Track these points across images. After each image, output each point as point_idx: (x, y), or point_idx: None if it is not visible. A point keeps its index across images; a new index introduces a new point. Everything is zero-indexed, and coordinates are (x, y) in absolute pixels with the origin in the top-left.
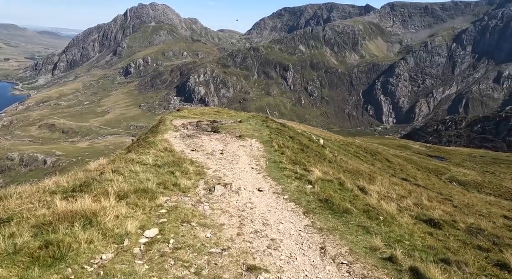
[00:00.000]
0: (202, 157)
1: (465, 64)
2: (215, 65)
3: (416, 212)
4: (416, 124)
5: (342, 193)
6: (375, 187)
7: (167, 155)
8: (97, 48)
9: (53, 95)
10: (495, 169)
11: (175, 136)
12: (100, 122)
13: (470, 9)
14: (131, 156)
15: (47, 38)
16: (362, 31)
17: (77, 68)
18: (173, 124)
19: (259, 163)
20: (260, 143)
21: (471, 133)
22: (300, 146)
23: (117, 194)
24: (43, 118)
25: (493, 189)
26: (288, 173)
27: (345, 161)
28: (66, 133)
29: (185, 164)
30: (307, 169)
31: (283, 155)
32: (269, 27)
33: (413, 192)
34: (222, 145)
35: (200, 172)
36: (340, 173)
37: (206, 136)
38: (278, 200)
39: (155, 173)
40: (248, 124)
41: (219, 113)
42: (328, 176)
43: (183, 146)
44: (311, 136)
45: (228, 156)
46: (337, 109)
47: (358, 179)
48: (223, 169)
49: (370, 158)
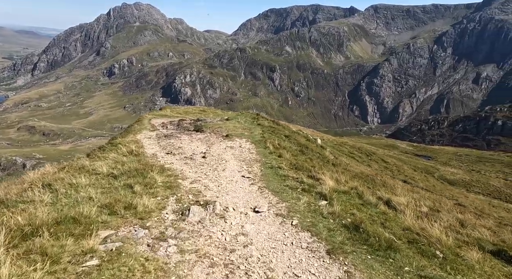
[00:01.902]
0: (178, 163)
1: (445, 65)
2: (201, 66)
3: (466, 234)
4: (400, 124)
5: (367, 210)
6: (400, 198)
7: (130, 161)
8: (80, 48)
9: (33, 97)
10: (480, 168)
11: (149, 137)
12: (83, 124)
13: (449, 12)
14: (82, 163)
15: (26, 37)
16: (347, 33)
17: (58, 68)
18: (151, 123)
19: (252, 169)
20: (252, 143)
21: (453, 132)
22: (299, 147)
23: (21, 230)
24: (22, 120)
25: (481, 188)
26: (291, 183)
27: (348, 163)
28: (47, 135)
29: (152, 174)
30: (314, 177)
31: (281, 159)
32: (256, 28)
33: (436, 201)
34: (205, 147)
35: (172, 185)
36: (352, 180)
37: (186, 136)
38: (284, 227)
39: (106, 188)
40: (237, 122)
41: (204, 112)
42: (341, 185)
43: (156, 149)
44: (308, 135)
45: (212, 161)
46: (323, 110)
47: (375, 187)
48: (204, 179)
49: (366, 159)
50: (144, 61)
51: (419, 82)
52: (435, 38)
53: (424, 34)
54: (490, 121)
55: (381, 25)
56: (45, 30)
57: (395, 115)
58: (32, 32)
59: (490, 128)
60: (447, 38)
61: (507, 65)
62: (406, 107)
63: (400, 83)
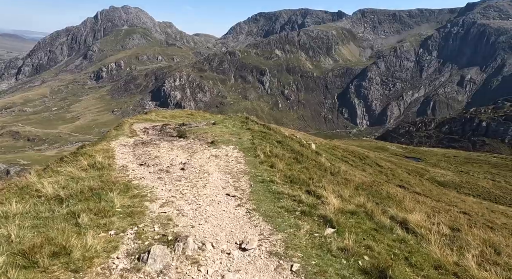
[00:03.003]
0: (150, 177)
1: (431, 68)
2: (191, 70)
3: (507, 267)
4: (389, 126)
5: (383, 238)
6: (415, 216)
7: (89, 177)
8: (66, 51)
9: (17, 101)
10: (468, 169)
11: (125, 144)
12: (69, 129)
13: (434, 17)
14: (28, 181)
15: (9, 41)
16: (335, 36)
17: (43, 72)
18: (132, 128)
19: (239, 184)
20: (240, 151)
21: (440, 133)
22: (293, 154)
23: None
24: (5, 126)
25: (471, 189)
26: (287, 203)
27: (346, 171)
28: (32, 141)
29: (111, 195)
30: (314, 193)
31: (274, 170)
32: (245, 31)
33: (455, 218)
34: (186, 156)
35: (135, 211)
36: (356, 193)
37: (167, 143)
38: (281, 276)
39: (42, 219)
40: (224, 126)
41: (192, 116)
42: (346, 202)
43: (129, 159)
44: (301, 140)
45: (191, 174)
46: (313, 112)
47: (382, 201)
48: (179, 200)
49: (360, 163)
50: (132, 65)
51: (406, 85)
52: (421, 41)
53: (410, 37)
54: (475, 123)
55: (369, 29)
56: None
57: (383, 117)
58: (16, 35)
59: (475, 130)
60: (432, 42)
61: (490, 68)
62: (394, 109)
63: (388, 86)
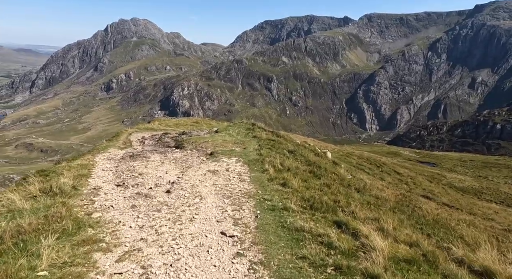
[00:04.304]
0: (122, 205)
1: (441, 71)
2: (199, 78)
3: None
4: (399, 130)
5: None
6: (485, 255)
7: (33, 210)
8: (77, 64)
9: (31, 114)
10: (487, 174)
11: (112, 157)
12: (81, 139)
13: (442, 19)
14: None
15: (24, 55)
16: (342, 42)
17: (56, 85)
18: (129, 138)
19: (240, 215)
20: (244, 164)
21: (453, 137)
22: (308, 167)
23: None
24: (20, 138)
25: (492, 195)
26: (312, 250)
27: (373, 184)
28: (45, 152)
29: (44, 242)
30: (347, 226)
31: (287, 189)
32: (252, 39)
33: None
34: (177, 172)
35: (71, 272)
36: (398, 220)
37: (159, 156)
38: None
39: None
40: (227, 134)
41: (197, 123)
42: (393, 240)
43: (108, 177)
44: (315, 149)
45: (178, 199)
46: (321, 118)
47: (432, 229)
48: (150, 246)
49: (377, 171)
50: (141, 75)
51: (416, 88)
52: (429, 44)
53: (418, 41)
54: (489, 125)
55: (375, 33)
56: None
57: (393, 121)
58: (30, 50)
59: (489, 132)
60: (441, 45)
61: (501, 70)
62: (404, 113)
63: (397, 90)
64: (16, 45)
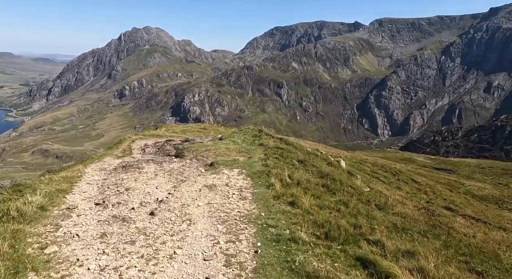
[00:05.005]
0: (90, 233)
1: (455, 75)
2: (209, 85)
3: None
4: (412, 135)
5: None
6: None
7: None
8: (92, 72)
9: (47, 120)
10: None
11: (105, 167)
12: (94, 146)
13: (455, 23)
14: None
15: (41, 64)
16: (352, 47)
17: (71, 92)
18: (130, 146)
19: (236, 249)
20: (247, 177)
21: (469, 143)
22: (321, 179)
23: None
24: (36, 144)
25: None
26: None
27: (395, 199)
28: (60, 158)
29: None
30: (375, 266)
31: (296, 210)
32: (262, 46)
33: None
34: (169, 187)
35: None
36: (436, 251)
37: (154, 166)
38: None
39: None
40: (232, 142)
41: (205, 130)
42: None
43: (90, 192)
44: (328, 157)
45: (162, 224)
46: (332, 124)
47: (481, 264)
48: None
49: (393, 179)
50: (153, 82)
51: (429, 93)
52: (442, 48)
53: (430, 45)
54: (507, 130)
55: (387, 38)
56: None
57: (405, 127)
58: (48, 59)
59: (508, 138)
60: (454, 48)
61: None
62: (417, 118)
63: (409, 94)
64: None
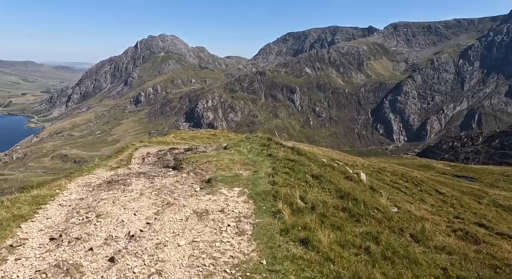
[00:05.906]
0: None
1: (474, 79)
2: (222, 91)
3: None
4: (429, 141)
5: None
6: None
7: None
8: (109, 79)
9: (67, 126)
10: None
11: (91, 182)
12: (111, 151)
13: (474, 26)
14: None
15: (62, 72)
16: (366, 52)
17: (89, 99)
18: (131, 154)
19: None
20: (249, 200)
21: (490, 149)
22: (341, 200)
23: None
24: (56, 149)
25: None
26: None
27: (433, 223)
28: (78, 163)
29: None
30: None
31: (310, 253)
32: (275, 52)
33: None
34: (150, 213)
35: None
36: None
37: (143, 182)
38: None
39: None
40: (237, 152)
41: (215, 136)
42: None
43: (56, 219)
44: (347, 170)
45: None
46: (346, 129)
47: None
48: None
49: (415, 190)
50: (168, 89)
51: (447, 98)
52: (460, 52)
53: (448, 49)
54: None
55: (402, 42)
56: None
57: (422, 132)
58: (68, 67)
59: None
60: (473, 52)
61: None
62: (434, 123)
63: (426, 99)
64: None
